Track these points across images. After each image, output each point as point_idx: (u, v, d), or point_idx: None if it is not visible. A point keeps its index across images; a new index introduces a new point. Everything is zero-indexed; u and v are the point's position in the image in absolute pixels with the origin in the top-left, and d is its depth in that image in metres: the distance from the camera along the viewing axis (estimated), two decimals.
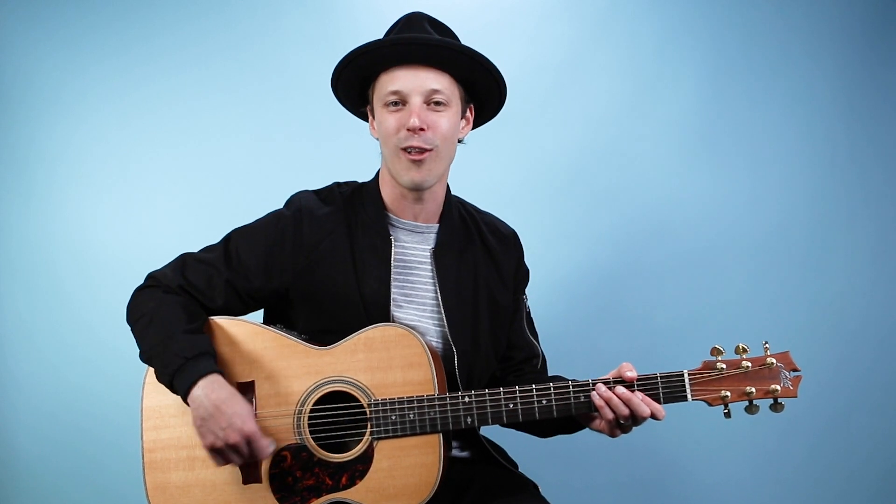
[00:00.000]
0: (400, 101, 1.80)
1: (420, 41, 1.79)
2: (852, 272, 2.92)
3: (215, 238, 1.90)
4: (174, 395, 1.74)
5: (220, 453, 1.67)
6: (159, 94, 2.88)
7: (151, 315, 1.76)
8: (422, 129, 1.77)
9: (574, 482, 2.80)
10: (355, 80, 1.88)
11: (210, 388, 1.67)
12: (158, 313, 1.75)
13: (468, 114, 1.92)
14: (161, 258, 1.90)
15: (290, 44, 2.91)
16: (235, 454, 1.67)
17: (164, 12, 2.89)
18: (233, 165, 2.89)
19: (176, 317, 1.74)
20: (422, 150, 1.79)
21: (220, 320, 1.80)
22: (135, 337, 1.79)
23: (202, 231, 2.00)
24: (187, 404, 1.69)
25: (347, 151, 2.62)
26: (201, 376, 1.67)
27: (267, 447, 1.68)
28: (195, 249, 1.89)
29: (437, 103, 1.80)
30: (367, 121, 1.97)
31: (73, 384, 2.82)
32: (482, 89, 1.89)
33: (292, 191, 1.95)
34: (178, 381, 1.68)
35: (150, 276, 1.85)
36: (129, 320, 1.81)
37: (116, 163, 2.88)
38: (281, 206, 1.92)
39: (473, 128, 1.98)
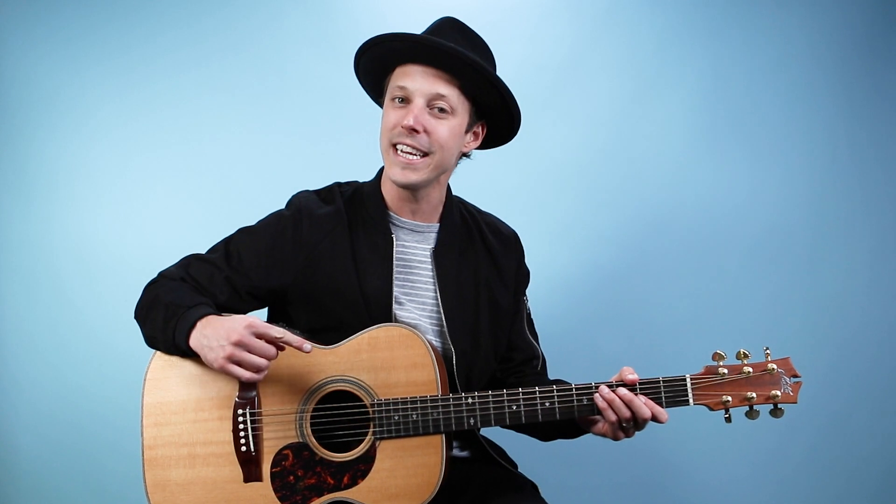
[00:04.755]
0: (404, 99, 1.80)
1: (427, 42, 1.77)
2: (852, 271, 2.92)
3: (216, 238, 1.91)
4: (175, 392, 1.75)
5: (236, 364, 1.63)
6: (159, 94, 2.89)
7: (156, 295, 1.78)
8: (415, 131, 1.76)
9: (574, 482, 2.80)
10: (372, 69, 1.88)
11: (206, 322, 1.67)
12: (163, 292, 1.78)
13: (477, 129, 1.90)
14: (161, 258, 1.90)
15: (290, 44, 2.92)
16: (249, 353, 1.62)
17: (164, 12, 2.89)
18: (233, 166, 2.89)
19: (182, 291, 1.77)
20: (412, 153, 1.78)
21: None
22: (140, 324, 1.80)
23: (202, 231, 2.01)
24: (193, 355, 1.69)
25: (348, 151, 2.63)
26: (198, 318, 1.68)
27: (273, 327, 1.64)
28: (195, 250, 1.90)
29: (441, 109, 1.79)
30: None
31: (73, 384, 2.83)
32: (490, 107, 1.86)
33: (293, 191, 1.95)
34: (179, 329, 1.68)
35: (158, 274, 1.87)
36: (135, 313, 1.83)
37: (117, 163, 2.88)
38: (282, 207, 1.92)
39: (486, 147, 1.97)
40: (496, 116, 1.88)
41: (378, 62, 1.84)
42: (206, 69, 2.90)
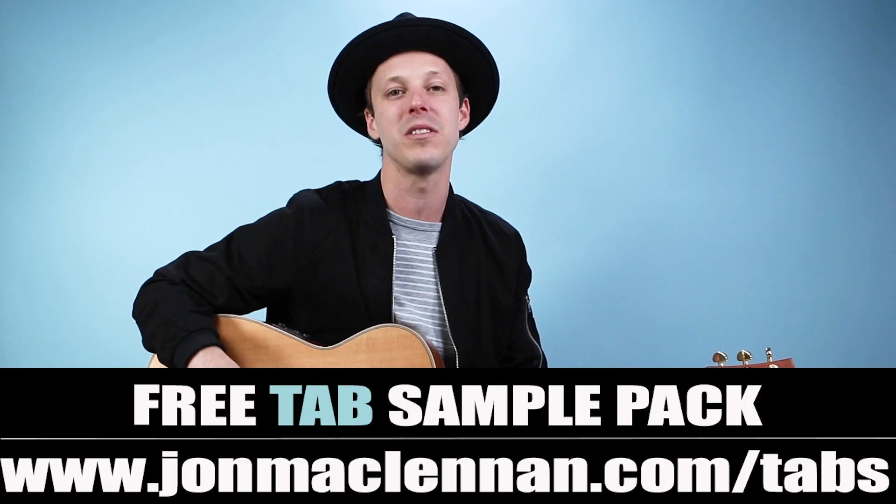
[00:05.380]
0: (400, 89, 1.81)
1: (414, 23, 1.83)
2: (853, 270, 2.92)
3: (216, 238, 1.90)
4: None
5: None
6: (159, 94, 2.88)
7: (156, 302, 1.76)
8: (423, 109, 1.78)
9: None
10: (352, 78, 1.88)
11: (209, 357, 1.67)
12: (163, 300, 1.76)
13: (464, 107, 1.92)
14: (161, 258, 1.89)
15: (290, 44, 2.91)
16: None
17: (164, 12, 2.89)
18: (233, 166, 2.89)
19: (181, 301, 1.76)
20: (427, 130, 1.79)
21: (222, 318, 1.80)
22: (139, 326, 1.79)
23: (202, 231, 2.00)
24: None
25: (348, 151, 2.61)
26: (202, 347, 1.67)
27: None
28: (196, 249, 1.88)
29: (436, 88, 1.81)
30: (360, 131, 1.98)
31: None
32: (475, 75, 1.89)
33: (293, 191, 1.94)
34: (179, 352, 1.67)
35: (156, 272, 1.85)
36: (134, 312, 1.82)
37: (117, 163, 2.88)
38: (283, 206, 1.92)
39: (470, 128, 1.98)
40: (478, 79, 1.91)
41: (362, 64, 1.85)
42: (206, 69, 2.90)
